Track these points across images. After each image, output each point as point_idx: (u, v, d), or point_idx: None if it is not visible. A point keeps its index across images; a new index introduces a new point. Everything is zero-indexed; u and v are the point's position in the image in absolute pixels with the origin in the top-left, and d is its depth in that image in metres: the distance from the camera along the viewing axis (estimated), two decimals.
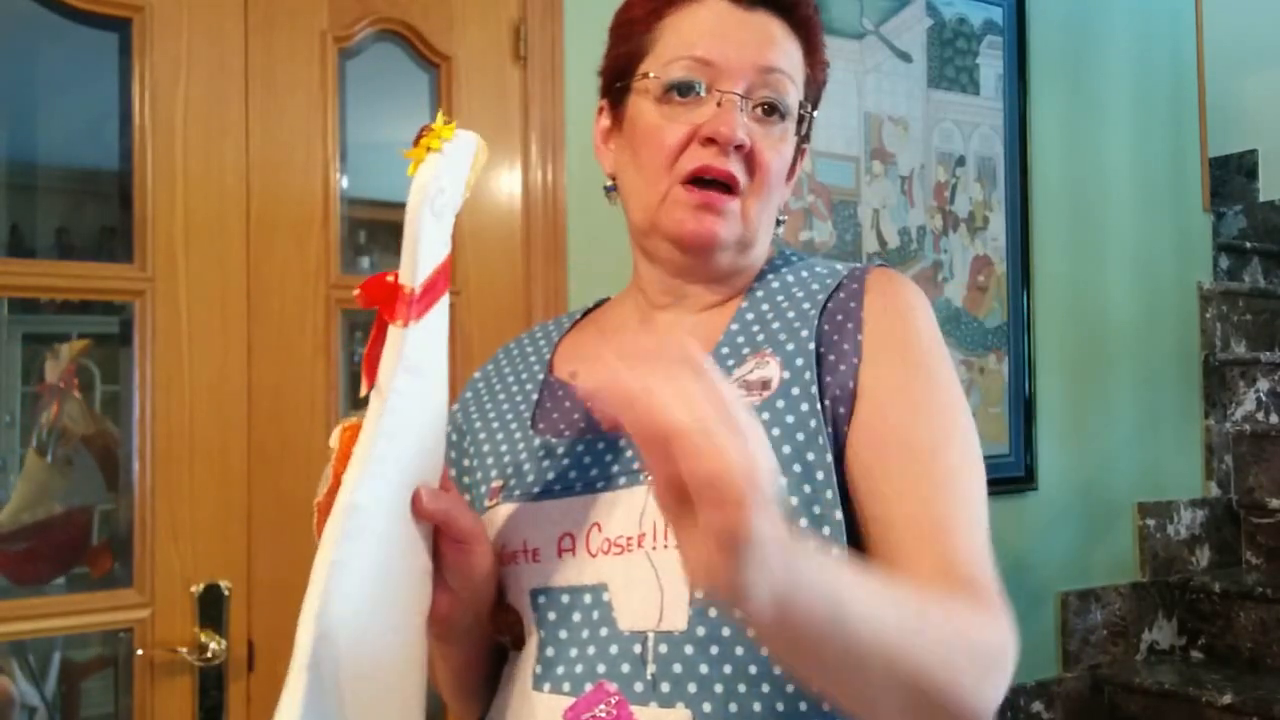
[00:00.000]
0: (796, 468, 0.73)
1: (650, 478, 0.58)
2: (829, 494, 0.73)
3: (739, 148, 0.79)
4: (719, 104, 0.79)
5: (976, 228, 2.33)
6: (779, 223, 0.88)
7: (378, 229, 1.82)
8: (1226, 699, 2.27)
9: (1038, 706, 2.36)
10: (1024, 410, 2.36)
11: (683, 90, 0.80)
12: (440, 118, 0.70)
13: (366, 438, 0.67)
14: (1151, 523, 2.60)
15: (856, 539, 0.74)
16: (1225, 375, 2.78)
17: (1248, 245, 3.11)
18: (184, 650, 1.46)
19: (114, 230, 1.56)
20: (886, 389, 0.76)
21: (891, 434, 0.74)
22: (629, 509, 0.75)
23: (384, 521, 0.67)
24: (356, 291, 0.72)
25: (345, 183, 1.64)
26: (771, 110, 0.81)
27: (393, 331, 0.68)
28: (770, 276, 0.86)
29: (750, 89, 0.80)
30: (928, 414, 0.76)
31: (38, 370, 1.63)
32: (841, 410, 0.76)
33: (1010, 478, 2.34)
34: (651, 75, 0.82)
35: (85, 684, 1.63)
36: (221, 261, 1.52)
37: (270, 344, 1.55)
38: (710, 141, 0.79)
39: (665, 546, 0.72)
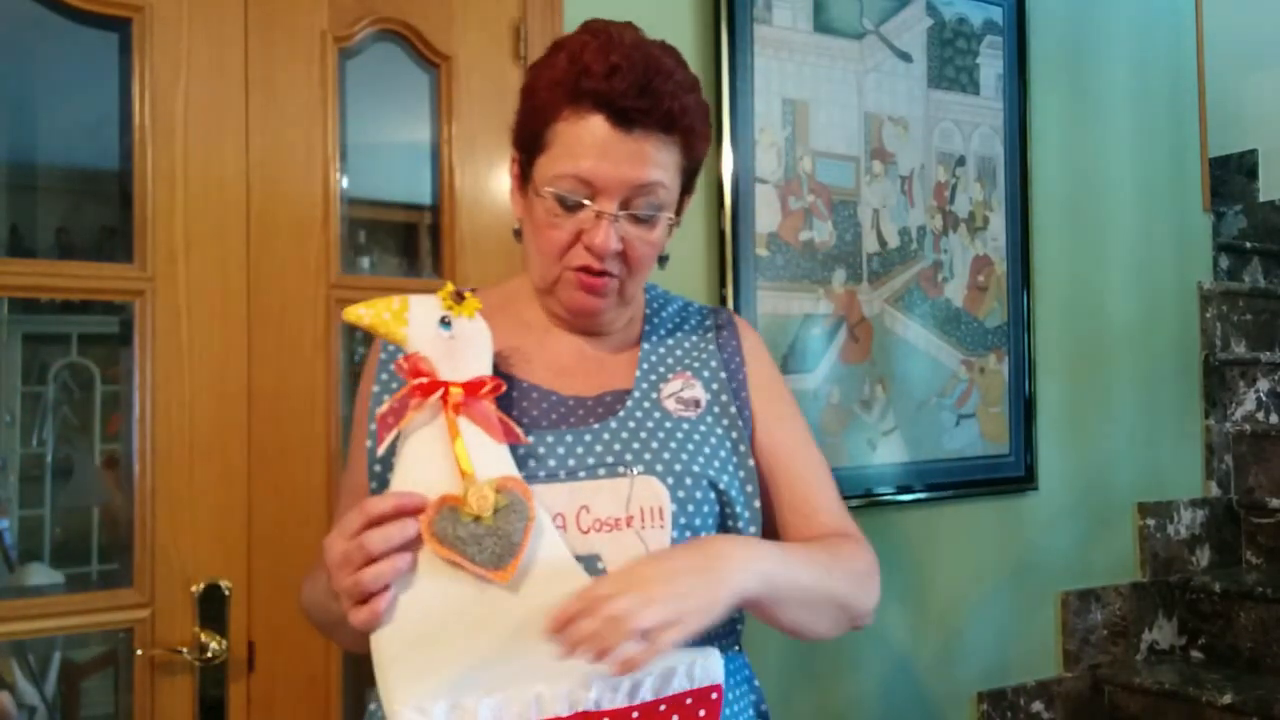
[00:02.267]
0: (732, 465, 1.02)
1: (635, 471, 0.96)
2: (749, 487, 1.03)
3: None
4: (597, 215, 0.97)
5: (976, 227, 2.33)
6: (662, 259, 1.07)
7: (377, 229, 1.82)
8: (1226, 699, 2.27)
9: (1038, 706, 2.36)
10: (1024, 410, 2.36)
11: (568, 204, 0.98)
12: (469, 294, 0.99)
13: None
14: (1151, 523, 2.60)
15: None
16: (1225, 375, 2.78)
17: (1248, 245, 3.11)
18: (184, 650, 1.46)
19: (114, 230, 1.56)
20: (774, 414, 1.09)
21: (783, 441, 1.09)
22: (613, 496, 0.95)
23: None
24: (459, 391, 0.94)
25: (345, 183, 1.64)
26: (645, 215, 0.99)
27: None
28: (657, 306, 1.12)
29: (626, 201, 0.98)
30: (796, 426, 1.12)
31: (37, 369, 1.63)
32: (746, 422, 1.06)
33: (1010, 478, 2.34)
34: (546, 191, 0.98)
35: (85, 684, 1.63)
36: (221, 261, 1.52)
37: (270, 344, 1.55)
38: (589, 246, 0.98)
39: (654, 527, 0.95)
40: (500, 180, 1.74)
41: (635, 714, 0.86)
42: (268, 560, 1.53)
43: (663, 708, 0.85)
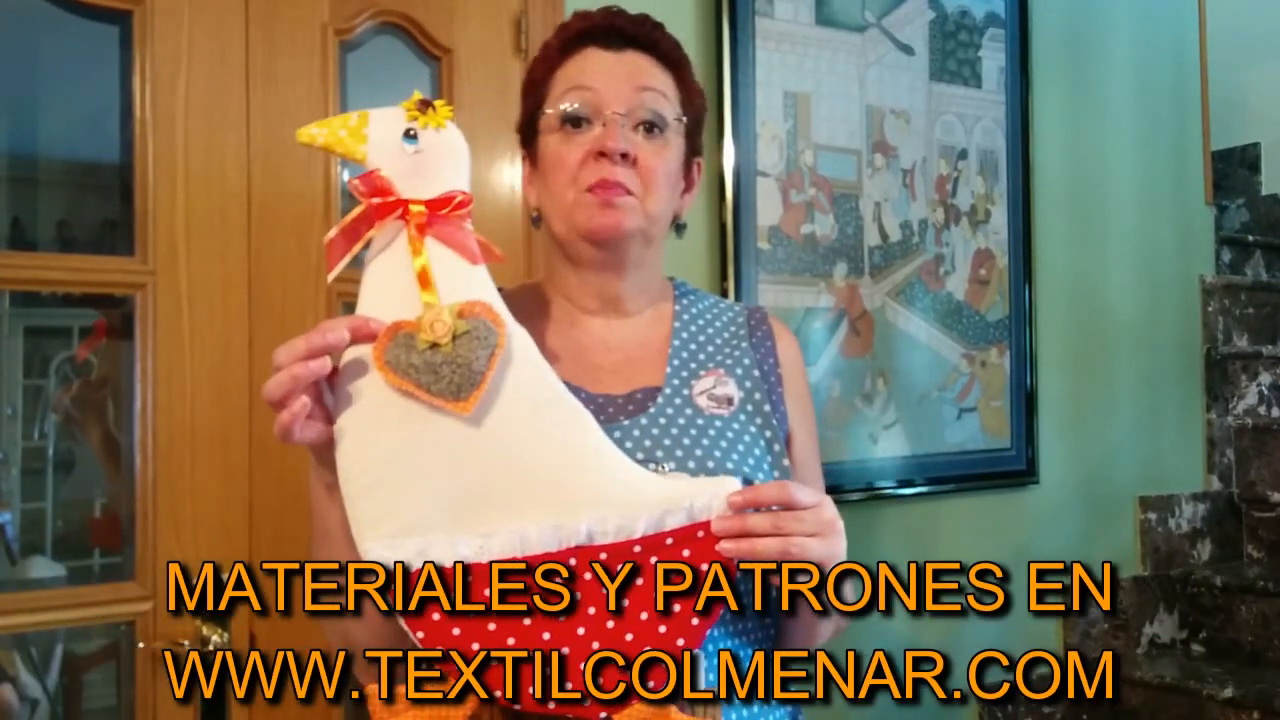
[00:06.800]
0: (766, 464, 0.99)
1: (667, 468, 0.93)
2: None
3: (625, 156, 0.97)
4: (604, 124, 0.98)
5: (978, 221, 2.32)
6: (680, 227, 1.07)
7: None
8: (1227, 693, 2.27)
9: None
10: (1025, 404, 2.36)
11: (574, 120, 0.99)
12: (440, 104, 0.91)
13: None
14: (1153, 516, 2.60)
15: None
16: (1227, 369, 2.78)
17: (1250, 239, 3.11)
18: (186, 643, 1.47)
19: (115, 223, 1.56)
20: (805, 429, 1.09)
21: (808, 459, 1.09)
22: None
23: None
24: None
25: (346, 176, 1.64)
26: (651, 126, 1.00)
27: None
28: (686, 302, 1.10)
29: (630, 109, 0.98)
30: (816, 445, 1.12)
31: (38, 363, 1.63)
32: (781, 424, 1.03)
33: (1011, 471, 2.34)
34: (549, 111, 1.01)
35: (87, 676, 1.63)
36: (222, 254, 1.52)
37: (271, 337, 1.55)
38: (601, 155, 0.96)
39: None
40: (501, 174, 1.74)
41: (637, 548, 0.81)
42: (269, 553, 1.53)
43: (669, 541, 0.80)
